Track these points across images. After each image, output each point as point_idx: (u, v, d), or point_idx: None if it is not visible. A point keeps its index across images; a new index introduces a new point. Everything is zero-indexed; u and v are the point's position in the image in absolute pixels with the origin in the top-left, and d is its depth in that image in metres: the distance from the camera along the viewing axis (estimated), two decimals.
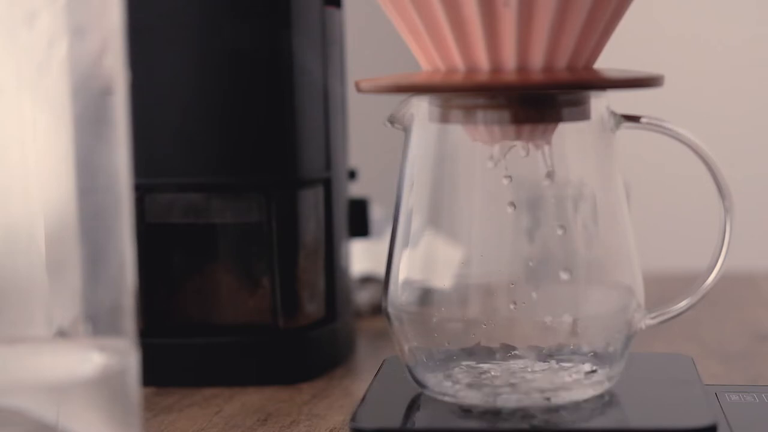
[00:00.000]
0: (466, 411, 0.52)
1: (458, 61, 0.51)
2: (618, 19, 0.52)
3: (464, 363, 0.53)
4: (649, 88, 0.52)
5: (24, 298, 0.41)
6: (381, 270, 0.79)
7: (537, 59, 0.50)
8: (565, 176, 0.53)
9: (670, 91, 0.63)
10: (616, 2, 0.51)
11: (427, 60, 0.52)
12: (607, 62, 0.54)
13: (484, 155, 0.52)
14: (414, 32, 0.51)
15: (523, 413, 0.52)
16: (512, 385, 0.52)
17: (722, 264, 0.55)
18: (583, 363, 0.52)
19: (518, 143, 0.52)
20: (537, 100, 0.52)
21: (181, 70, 0.63)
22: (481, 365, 0.53)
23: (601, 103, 0.53)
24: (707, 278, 0.56)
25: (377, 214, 0.84)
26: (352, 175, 0.72)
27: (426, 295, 0.53)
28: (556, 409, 0.52)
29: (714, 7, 1.95)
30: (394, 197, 0.55)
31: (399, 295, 0.54)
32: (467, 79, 0.50)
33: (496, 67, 0.50)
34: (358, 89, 0.54)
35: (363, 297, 0.81)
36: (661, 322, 0.56)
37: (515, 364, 0.52)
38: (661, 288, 0.72)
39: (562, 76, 0.50)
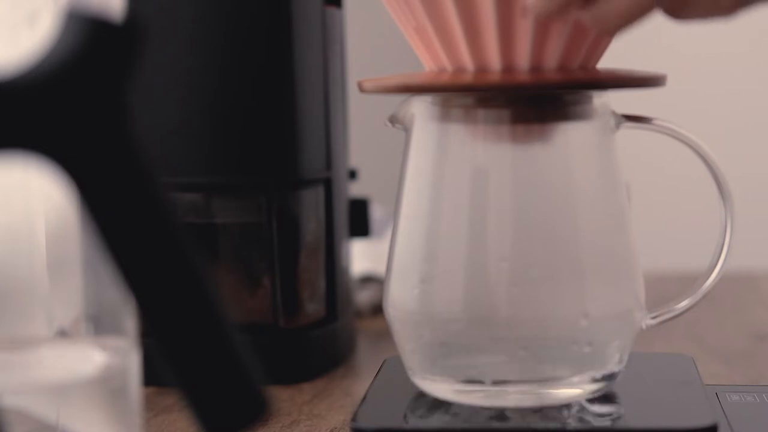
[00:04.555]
0: (466, 411, 0.52)
1: (467, 61, 0.50)
2: None
3: (465, 363, 0.53)
4: (657, 87, 0.52)
5: (24, 298, 0.41)
6: (381, 270, 0.79)
7: (552, 60, 0.50)
8: (567, 175, 0.53)
9: (670, 90, 0.63)
10: None
11: (432, 59, 0.52)
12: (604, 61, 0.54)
13: (485, 155, 0.52)
14: (420, 32, 0.51)
15: (524, 413, 0.52)
16: (512, 384, 0.52)
17: (722, 264, 0.55)
18: (584, 362, 0.52)
19: (520, 142, 0.52)
20: (540, 100, 0.52)
21: (181, 70, 0.63)
22: (481, 365, 0.53)
23: (601, 102, 0.53)
24: (707, 278, 0.56)
25: (378, 213, 0.84)
26: (352, 174, 0.72)
27: (427, 295, 0.53)
28: (557, 408, 0.52)
29: None
30: (394, 197, 0.55)
31: (400, 295, 0.54)
32: (478, 79, 0.50)
33: (508, 67, 0.50)
34: (361, 89, 0.54)
35: (363, 297, 0.81)
36: (662, 322, 0.56)
37: (516, 364, 0.52)
38: (661, 288, 0.72)
39: (577, 75, 0.51)
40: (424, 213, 0.53)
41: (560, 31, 0.49)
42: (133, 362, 0.40)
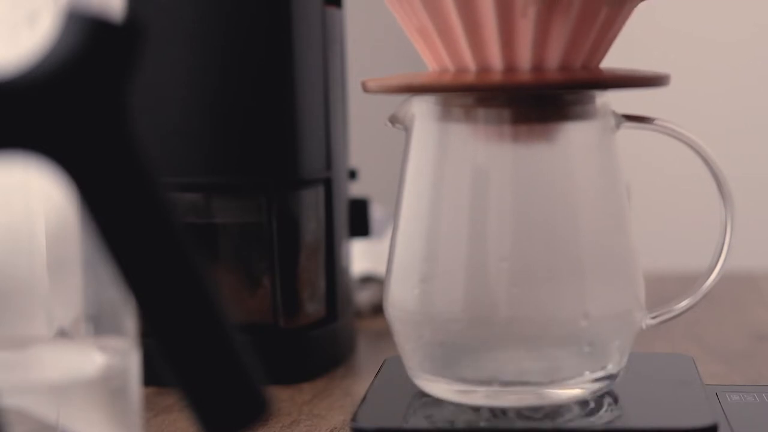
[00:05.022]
0: (466, 411, 0.52)
1: (469, 62, 0.50)
2: (627, 18, 0.52)
3: (465, 363, 0.53)
4: (659, 87, 0.52)
5: (24, 298, 0.41)
6: (381, 270, 0.79)
7: (553, 59, 0.50)
8: (567, 176, 0.53)
9: (670, 90, 0.63)
10: (629, 3, 0.51)
11: (435, 60, 0.52)
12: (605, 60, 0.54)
13: (485, 154, 0.52)
14: (422, 32, 0.51)
15: (524, 413, 0.52)
16: (512, 384, 0.52)
17: (723, 264, 0.55)
18: (584, 362, 0.52)
19: (521, 142, 0.52)
20: (542, 100, 0.52)
21: (180, 70, 0.63)
22: (481, 365, 0.53)
23: (602, 102, 0.53)
24: (707, 278, 0.56)
25: (378, 213, 0.84)
26: (352, 174, 0.72)
27: (427, 295, 0.53)
28: (557, 408, 0.52)
29: (714, 7, 1.95)
30: (394, 197, 0.55)
31: (400, 295, 0.54)
32: (480, 79, 0.50)
33: (510, 67, 0.50)
34: (365, 89, 0.54)
35: (363, 297, 0.81)
36: (662, 322, 0.56)
37: (516, 364, 0.52)
38: (661, 288, 0.72)
39: (579, 75, 0.51)
40: (425, 213, 0.53)
41: (562, 30, 0.49)
42: (133, 362, 0.40)
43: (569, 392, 0.52)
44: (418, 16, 0.51)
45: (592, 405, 0.53)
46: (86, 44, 0.31)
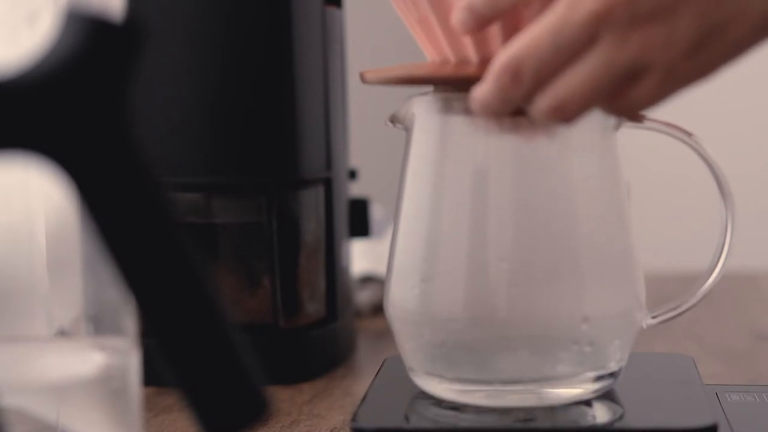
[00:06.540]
0: (466, 410, 0.52)
1: (471, 52, 0.50)
2: None
3: (465, 362, 0.53)
4: None
5: (24, 298, 0.41)
6: (381, 270, 0.79)
7: None
8: (567, 175, 0.53)
9: None
10: None
11: (435, 50, 0.52)
12: None
13: (486, 150, 0.52)
14: (423, 23, 0.51)
15: (523, 412, 0.52)
16: (513, 384, 0.52)
17: (723, 264, 0.55)
18: (584, 362, 0.52)
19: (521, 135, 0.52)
20: None
21: (181, 70, 0.63)
22: (482, 365, 0.53)
23: None
24: (707, 278, 0.56)
25: (378, 213, 0.84)
26: (352, 174, 0.72)
27: (427, 295, 0.53)
28: (557, 408, 0.52)
29: None
30: (394, 197, 0.55)
31: (400, 295, 0.54)
32: (481, 70, 0.50)
33: None
34: (363, 80, 0.53)
35: (363, 297, 0.81)
36: (662, 322, 0.56)
37: (516, 364, 0.52)
38: (661, 288, 0.72)
39: None
40: (425, 212, 0.53)
41: None
42: (133, 362, 0.40)
43: (569, 392, 0.52)
44: (418, 7, 0.51)
45: (592, 404, 0.53)
46: (86, 44, 0.31)
